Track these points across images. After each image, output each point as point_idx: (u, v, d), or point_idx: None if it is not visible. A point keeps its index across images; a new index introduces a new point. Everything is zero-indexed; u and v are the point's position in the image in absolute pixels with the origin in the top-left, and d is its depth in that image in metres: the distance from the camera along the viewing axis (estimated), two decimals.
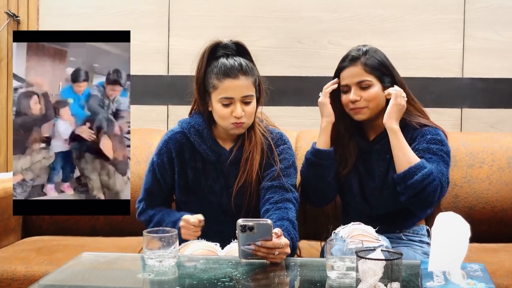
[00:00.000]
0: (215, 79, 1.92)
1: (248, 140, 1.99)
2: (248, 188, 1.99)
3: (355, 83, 2.07)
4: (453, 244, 1.43)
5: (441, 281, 1.37)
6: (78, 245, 2.35)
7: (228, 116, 1.92)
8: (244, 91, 1.91)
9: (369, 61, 2.07)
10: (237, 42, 1.99)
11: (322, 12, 3.01)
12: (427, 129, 2.07)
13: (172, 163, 2.03)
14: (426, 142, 2.04)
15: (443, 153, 2.04)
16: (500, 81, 2.97)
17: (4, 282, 2.08)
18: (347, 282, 1.51)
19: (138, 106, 3.03)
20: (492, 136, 2.65)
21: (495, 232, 2.48)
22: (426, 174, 1.94)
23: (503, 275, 2.03)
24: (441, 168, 2.00)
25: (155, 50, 3.07)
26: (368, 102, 2.06)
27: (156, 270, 1.63)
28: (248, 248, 1.65)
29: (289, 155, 2.04)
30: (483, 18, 2.96)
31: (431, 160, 2.01)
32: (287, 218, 1.91)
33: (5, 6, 3.14)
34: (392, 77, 2.10)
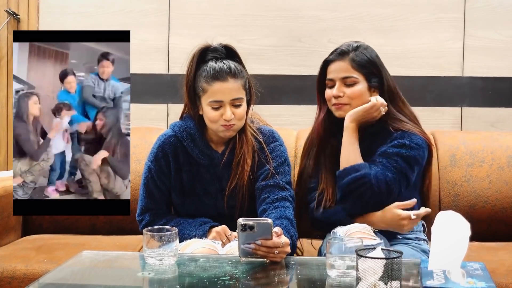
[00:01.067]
0: (205, 82, 1.92)
1: (239, 144, 1.99)
2: (240, 191, 1.99)
3: (340, 78, 2.03)
4: (453, 243, 1.43)
5: (441, 279, 1.37)
6: (78, 244, 2.34)
7: (217, 119, 1.92)
8: (233, 94, 1.91)
9: (358, 58, 2.02)
10: (226, 45, 1.99)
11: (322, 10, 3.01)
12: (399, 133, 2.02)
13: (169, 166, 2.02)
14: (388, 146, 2.01)
15: (399, 158, 1.97)
16: (500, 80, 2.97)
17: (4, 281, 2.08)
18: (347, 281, 1.51)
19: (138, 104, 3.03)
20: (492, 135, 2.65)
21: (495, 231, 2.48)
22: (355, 178, 1.94)
23: (503, 274, 2.03)
24: (386, 172, 1.95)
25: (155, 48, 3.07)
26: (351, 99, 2.02)
27: (156, 268, 1.63)
28: (248, 247, 1.65)
29: (281, 152, 2.04)
30: (483, 17, 2.96)
31: (380, 164, 1.97)
32: (285, 217, 1.91)
33: (5, 4, 3.14)
34: (380, 77, 2.05)
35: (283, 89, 2.98)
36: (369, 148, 2.04)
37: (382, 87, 2.05)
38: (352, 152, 2.00)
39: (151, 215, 2.05)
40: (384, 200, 1.97)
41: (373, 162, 2.00)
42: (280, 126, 2.23)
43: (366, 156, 2.03)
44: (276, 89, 2.97)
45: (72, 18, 3.07)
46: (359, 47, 2.04)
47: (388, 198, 1.97)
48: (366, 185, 1.93)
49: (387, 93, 2.05)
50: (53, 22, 3.07)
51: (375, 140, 2.05)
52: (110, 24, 3.04)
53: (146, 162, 2.06)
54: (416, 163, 2.01)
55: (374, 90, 2.05)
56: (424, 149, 2.03)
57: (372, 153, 2.04)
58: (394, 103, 2.07)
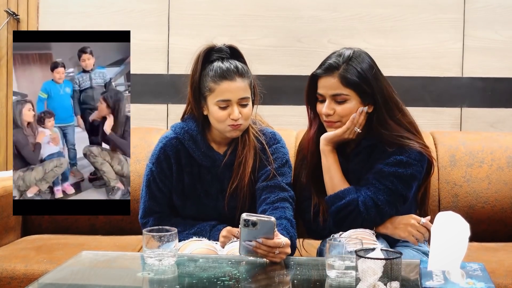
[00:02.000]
0: (211, 82, 1.92)
1: (241, 144, 1.99)
2: (241, 191, 1.99)
3: (330, 95, 1.93)
4: (452, 244, 1.43)
5: (440, 280, 1.37)
6: (78, 244, 2.35)
7: (225, 119, 1.92)
8: (241, 93, 1.92)
9: (348, 74, 1.90)
10: (231, 46, 1.99)
11: (322, 11, 3.02)
12: (396, 149, 1.93)
13: (171, 168, 2.02)
14: (384, 163, 1.93)
15: (395, 178, 1.90)
16: (500, 80, 2.98)
17: (4, 281, 2.08)
18: (347, 281, 1.51)
19: (137, 105, 3.03)
20: (491, 136, 2.65)
21: (494, 231, 2.48)
22: (341, 206, 1.90)
23: (502, 274, 2.03)
24: (378, 196, 1.89)
25: (155, 49, 3.07)
26: (342, 117, 1.93)
27: (156, 269, 1.63)
28: (249, 244, 1.64)
29: (282, 154, 2.04)
30: (483, 17, 2.96)
31: (372, 186, 1.91)
32: (285, 217, 1.91)
33: (5, 4, 3.14)
34: (372, 93, 1.92)
35: (282, 89, 2.99)
36: (367, 161, 1.98)
37: (376, 100, 1.93)
38: (335, 176, 1.96)
39: (155, 219, 2.03)
40: (378, 222, 1.94)
41: (367, 182, 1.94)
42: (279, 126, 2.22)
43: (363, 169, 1.98)
44: (276, 90, 2.97)
45: (72, 18, 3.07)
46: (351, 59, 1.92)
47: (383, 220, 1.94)
48: (354, 212, 1.90)
49: (382, 106, 1.94)
50: (53, 22, 3.07)
51: (371, 153, 1.98)
52: (110, 24, 3.04)
53: (148, 164, 2.05)
54: (414, 180, 1.94)
55: (367, 104, 1.95)
56: (423, 162, 1.95)
57: (369, 166, 1.97)
58: (391, 115, 1.95)
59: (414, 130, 1.99)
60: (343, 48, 1.98)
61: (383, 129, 1.94)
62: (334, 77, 1.92)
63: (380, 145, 1.96)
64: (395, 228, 1.94)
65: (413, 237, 1.91)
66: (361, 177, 1.98)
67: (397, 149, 1.93)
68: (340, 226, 1.93)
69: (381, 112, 1.94)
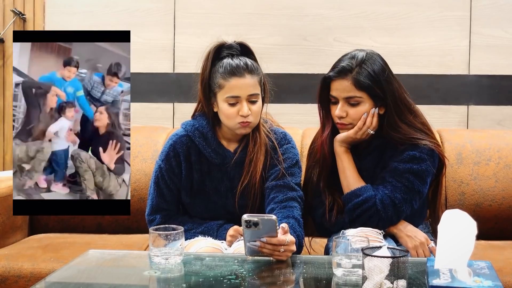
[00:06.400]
0: (221, 78, 1.92)
1: (252, 142, 1.99)
2: (252, 189, 1.99)
3: (343, 98, 1.95)
4: (459, 242, 1.43)
5: (447, 278, 1.37)
6: (85, 243, 2.35)
7: (234, 115, 1.92)
8: (250, 90, 1.92)
9: (361, 77, 1.90)
10: (241, 43, 1.99)
11: (328, 9, 3.01)
12: (407, 146, 1.94)
13: (180, 166, 2.02)
14: (398, 160, 1.94)
15: (411, 175, 1.91)
16: (507, 78, 2.96)
17: (11, 279, 2.09)
18: (353, 279, 1.50)
19: (143, 104, 3.04)
20: (498, 134, 2.64)
21: (501, 229, 2.47)
22: (358, 203, 1.92)
23: (509, 273, 2.03)
24: (395, 194, 1.91)
25: (160, 47, 3.07)
26: (354, 120, 1.95)
27: (162, 267, 1.63)
28: (254, 244, 1.65)
29: (293, 154, 2.04)
30: (489, 15, 2.95)
31: (389, 184, 1.92)
32: (292, 216, 1.91)
33: (11, 4, 3.15)
34: (384, 96, 1.93)
35: (288, 87, 2.98)
36: (379, 159, 2.00)
37: (387, 104, 1.94)
38: (351, 176, 1.97)
39: (162, 216, 2.04)
40: (395, 221, 1.94)
41: (383, 181, 1.95)
42: (285, 125, 2.22)
43: (376, 167, 2.00)
44: (282, 88, 2.95)
45: (77, 17, 3.08)
46: (364, 62, 1.92)
47: (399, 219, 1.95)
48: (371, 209, 1.91)
49: (393, 109, 1.94)
50: (58, 22, 3.08)
51: (384, 151, 2.00)
52: (116, 24, 3.04)
53: (157, 161, 2.06)
54: (428, 174, 1.95)
55: (380, 106, 1.96)
56: (435, 158, 1.96)
57: (382, 164, 1.99)
58: (402, 118, 1.95)
59: (427, 130, 2.00)
60: (356, 50, 1.98)
61: (393, 132, 1.95)
62: (347, 80, 1.93)
63: (391, 145, 1.98)
64: (406, 236, 1.94)
65: (415, 252, 1.92)
66: (374, 175, 2.00)
67: (408, 145, 1.95)
68: (355, 224, 1.93)
69: (391, 116, 1.95)
